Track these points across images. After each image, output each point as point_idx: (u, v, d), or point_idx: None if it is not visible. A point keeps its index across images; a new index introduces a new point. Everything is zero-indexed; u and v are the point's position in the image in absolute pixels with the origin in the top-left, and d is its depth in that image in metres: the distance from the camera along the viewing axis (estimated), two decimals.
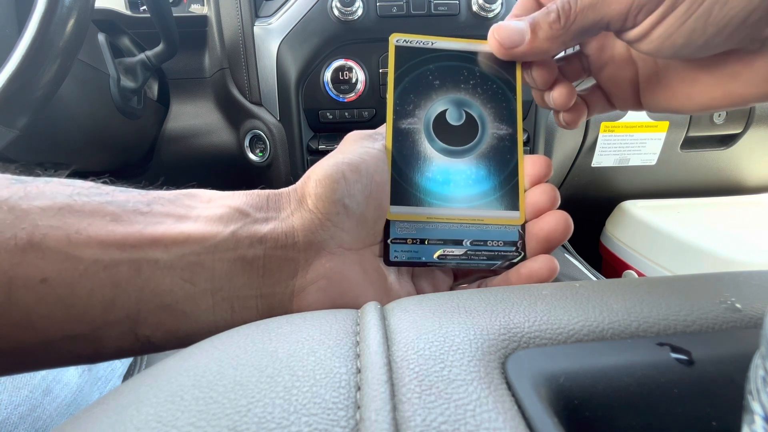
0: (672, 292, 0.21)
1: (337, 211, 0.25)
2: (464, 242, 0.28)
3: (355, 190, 0.25)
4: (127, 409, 0.15)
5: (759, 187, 0.92)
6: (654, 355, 0.17)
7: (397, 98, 0.28)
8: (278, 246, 0.24)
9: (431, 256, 0.28)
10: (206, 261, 0.22)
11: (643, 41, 0.25)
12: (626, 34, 0.25)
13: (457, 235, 0.28)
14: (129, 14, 0.72)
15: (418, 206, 0.27)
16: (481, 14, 0.64)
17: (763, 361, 0.13)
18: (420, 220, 0.27)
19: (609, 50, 0.30)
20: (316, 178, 0.25)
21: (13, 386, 0.36)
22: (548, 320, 0.19)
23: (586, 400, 0.16)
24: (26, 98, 0.44)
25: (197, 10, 0.75)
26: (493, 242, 0.28)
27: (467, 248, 0.28)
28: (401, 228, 0.27)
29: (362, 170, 0.26)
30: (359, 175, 0.26)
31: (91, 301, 0.20)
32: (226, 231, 0.23)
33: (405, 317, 0.20)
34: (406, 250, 0.27)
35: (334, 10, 0.64)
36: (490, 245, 0.28)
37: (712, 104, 0.27)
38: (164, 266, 0.21)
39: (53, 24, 0.42)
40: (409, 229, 0.27)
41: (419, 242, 0.27)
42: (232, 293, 0.23)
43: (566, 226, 0.27)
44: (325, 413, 0.14)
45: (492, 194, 0.28)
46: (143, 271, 0.21)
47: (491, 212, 0.28)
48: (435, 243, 0.28)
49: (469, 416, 0.14)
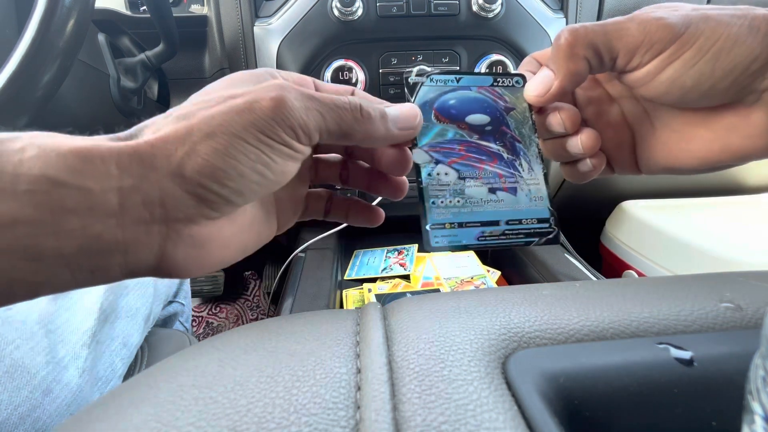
0: (672, 292, 0.21)
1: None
2: (500, 222, 0.28)
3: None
4: (127, 409, 0.15)
5: (759, 187, 0.92)
6: (654, 355, 0.17)
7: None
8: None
9: (472, 239, 0.28)
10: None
11: (650, 84, 0.25)
12: (631, 74, 0.26)
13: (492, 216, 0.28)
14: (129, 14, 0.72)
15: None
16: (481, 14, 0.64)
17: (763, 361, 0.13)
18: (455, 204, 0.28)
19: (605, 116, 0.31)
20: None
21: (13, 386, 0.36)
22: (548, 320, 0.19)
23: (586, 400, 0.16)
24: (26, 98, 0.44)
25: (197, 10, 0.75)
26: (527, 220, 0.29)
27: (504, 228, 0.29)
28: (438, 213, 0.28)
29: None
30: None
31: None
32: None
33: (405, 317, 0.20)
34: (445, 235, 0.28)
35: (334, 10, 0.64)
36: (525, 224, 0.29)
37: (710, 158, 0.27)
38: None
39: (53, 24, 0.42)
40: (445, 213, 0.28)
41: (457, 226, 0.28)
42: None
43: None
44: (325, 413, 0.14)
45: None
46: None
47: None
48: (473, 225, 0.28)
49: (469, 416, 0.14)
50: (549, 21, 0.67)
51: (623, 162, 0.31)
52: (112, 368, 0.46)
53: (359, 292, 0.63)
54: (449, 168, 0.28)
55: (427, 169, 0.28)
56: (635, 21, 0.24)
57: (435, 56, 0.66)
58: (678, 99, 0.25)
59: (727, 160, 0.26)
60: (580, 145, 0.29)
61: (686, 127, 0.27)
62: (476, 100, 0.29)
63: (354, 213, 0.30)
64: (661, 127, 0.29)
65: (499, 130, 0.29)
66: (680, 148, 0.28)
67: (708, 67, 0.23)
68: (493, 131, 0.29)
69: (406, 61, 0.66)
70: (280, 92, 0.20)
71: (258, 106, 0.20)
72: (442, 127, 0.28)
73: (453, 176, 0.28)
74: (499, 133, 0.29)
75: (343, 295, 0.63)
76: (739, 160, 0.26)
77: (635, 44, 0.24)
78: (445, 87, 0.29)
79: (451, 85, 0.29)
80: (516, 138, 0.29)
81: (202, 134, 0.19)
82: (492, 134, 0.29)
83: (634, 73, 0.26)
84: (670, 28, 0.23)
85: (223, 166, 0.20)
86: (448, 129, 0.28)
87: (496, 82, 0.29)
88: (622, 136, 0.31)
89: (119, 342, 0.48)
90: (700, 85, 0.24)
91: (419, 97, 0.29)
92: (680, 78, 0.24)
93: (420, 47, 0.66)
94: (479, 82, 0.29)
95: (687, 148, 0.27)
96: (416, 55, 0.66)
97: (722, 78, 0.23)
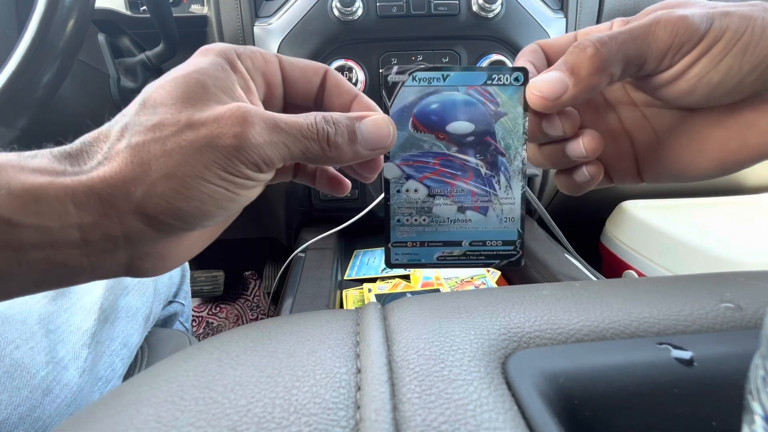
0: (672, 292, 0.21)
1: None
2: (463, 243, 0.28)
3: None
4: (127, 409, 0.15)
5: (759, 187, 0.92)
6: (654, 355, 0.17)
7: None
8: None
9: (431, 258, 0.28)
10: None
11: (673, 84, 0.24)
12: (660, 76, 0.24)
13: (456, 236, 0.28)
14: (129, 14, 0.72)
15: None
16: (481, 14, 0.64)
17: (763, 361, 0.13)
18: (420, 223, 0.28)
19: (602, 123, 0.29)
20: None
21: (13, 386, 0.36)
22: (548, 320, 0.19)
23: (586, 400, 0.16)
24: (26, 98, 0.44)
25: (197, 10, 0.75)
26: (492, 242, 0.28)
27: (466, 249, 0.28)
28: (401, 232, 0.27)
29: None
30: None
31: None
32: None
33: (405, 317, 0.20)
34: (406, 253, 0.28)
35: (334, 10, 0.64)
36: (489, 245, 0.28)
37: (726, 158, 0.26)
38: None
39: (53, 24, 0.42)
40: (409, 232, 0.28)
41: (419, 245, 0.28)
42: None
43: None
44: (325, 413, 0.14)
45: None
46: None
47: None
48: (434, 245, 0.28)
49: (469, 416, 0.14)
50: (549, 21, 0.67)
51: (622, 171, 0.30)
52: (112, 368, 0.46)
53: (359, 292, 0.63)
54: (420, 184, 0.27)
55: (396, 185, 0.27)
56: (660, 24, 0.23)
57: (435, 56, 0.66)
58: (703, 97, 0.24)
59: (744, 160, 0.25)
60: (582, 148, 0.26)
61: (699, 128, 0.26)
62: (462, 105, 0.26)
63: (320, 180, 0.28)
64: (666, 131, 0.28)
65: (482, 141, 0.26)
66: (692, 151, 0.27)
67: (736, 61, 0.23)
68: (474, 142, 0.26)
69: (406, 61, 0.66)
70: (242, 128, 0.19)
71: (219, 144, 0.19)
72: (419, 138, 0.26)
73: (423, 193, 0.27)
74: (482, 144, 0.27)
75: (343, 295, 0.63)
76: (758, 158, 0.25)
77: (665, 48, 0.23)
78: (428, 87, 0.26)
79: (435, 84, 0.26)
80: (500, 150, 0.27)
81: (160, 174, 0.18)
82: (473, 146, 0.26)
83: (660, 76, 0.25)
84: (695, 25, 0.23)
85: (186, 207, 0.19)
86: (425, 140, 0.26)
87: (490, 79, 0.26)
88: (621, 144, 0.29)
89: (119, 342, 0.48)
90: (728, 80, 0.23)
91: (398, 100, 0.26)
92: (707, 75, 0.23)
93: (420, 47, 0.66)
94: (470, 81, 0.26)
95: (700, 149, 0.26)
96: (416, 55, 0.66)
97: (750, 72, 0.23)
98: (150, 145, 0.19)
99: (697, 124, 0.26)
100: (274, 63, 0.24)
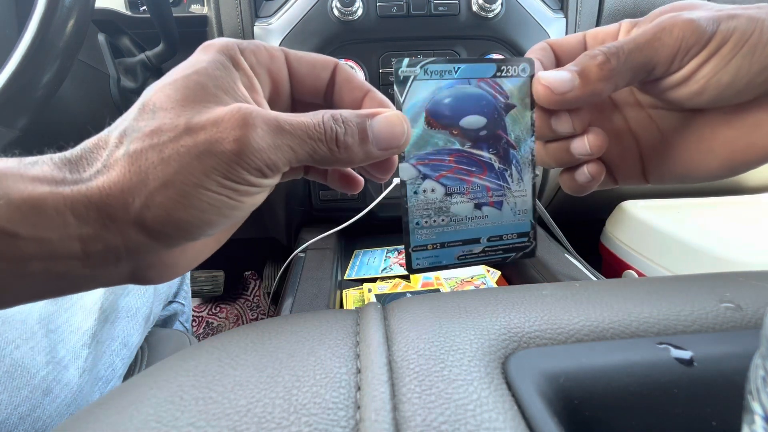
0: (672, 292, 0.21)
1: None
2: (481, 240, 0.28)
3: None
4: (127, 409, 0.15)
5: (759, 187, 0.92)
6: (654, 355, 0.17)
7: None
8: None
9: (452, 259, 0.28)
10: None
11: (685, 84, 0.24)
12: (669, 78, 0.25)
13: (475, 233, 0.28)
14: (129, 14, 0.72)
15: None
16: (481, 14, 0.64)
17: (763, 361, 0.13)
18: (439, 224, 0.27)
19: (607, 124, 0.29)
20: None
21: (13, 386, 0.36)
22: (548, 320, 0.19)
23: (586, 400, 0.16)
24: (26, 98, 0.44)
25: (197, 10, 0.75)
26: (508, 236, 0.28)
27: (484, 245, 0.28)
28: (421, 234, 0.27)
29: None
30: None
31: None
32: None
33: (405, 317, 0.20)
34: (427, 257, 0.27)
35: (334, 10, 0.64)
36: (505, 239, 0.28)
37: (733, 159, 0.26)
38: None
39: (53, 24, 0.42)
40: (428, 234, 0.27)
41: (439, 246, 0.27)
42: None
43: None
44: (325, 413, 0.14)
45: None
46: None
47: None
48: (454, 245, 0.27)
49: (469, 416, 0.14)
50: (549, 21, 0.67)
51: (627, 171, 0.30)
52: (112, 368, 0.46)
53: (359, 292, 0.63)
54: (436, 183, 0.26)
55: (413, 186, 0.26)
56: (666, 30, 0.23)
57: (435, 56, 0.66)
58: (712, 97, 0.24)
59: (752, 160, 0.25)
60: (587, 145, 0.26)
61: (706, 128, 0.26)
62: (474, 98, 0.26)
63: (332, 177, 0.27)
64: (672, 132, 0.28)
65: (494, 135, 0.26)
66: (698, 151, 0.27)
67: (745, 61, 0.23)
68: (487, 137, 0.26)
69: None
70: (243, 131, 0.18)
71: (219, 149, 0.18)
72: (433, 135, 0.25)
73: (440, 193, 0.26)
74: (494, 138, 0.26)
75: (343, 295, 0.63)
76: (765, 158, 0.25)
77: (672, 53, 0.23)
78: (441, 81, 0.25)
79: (448, 77, 0.25)
80: (511, 143, 0.27)
81: (158, 183, 0.17)
82: (486, 141, 0.26)
83: (669, 78, 0.25)
84: (702, 28, 0.23)
85: (186, 218, 0.18)
86: (440, 136, 0.26)
87: (499, 71, 0.26)
88: (626, 144, 0.29)
89: (119, 342, 0.48)
90: (737, 80, 0.23)
91: (410, 95, 0.25)
92: (716, 75, 0.23)
93: (420, 47, 0.67)
94: (480, 72, 0.26)
95: (707, 149, 0.26)
96: (416, 55, 0.66)
97: (759, 72, 0.23)
98: (147, 153, 0.18)
99: (704, 124, 0.26)
100: (279, 58, 0.23)
